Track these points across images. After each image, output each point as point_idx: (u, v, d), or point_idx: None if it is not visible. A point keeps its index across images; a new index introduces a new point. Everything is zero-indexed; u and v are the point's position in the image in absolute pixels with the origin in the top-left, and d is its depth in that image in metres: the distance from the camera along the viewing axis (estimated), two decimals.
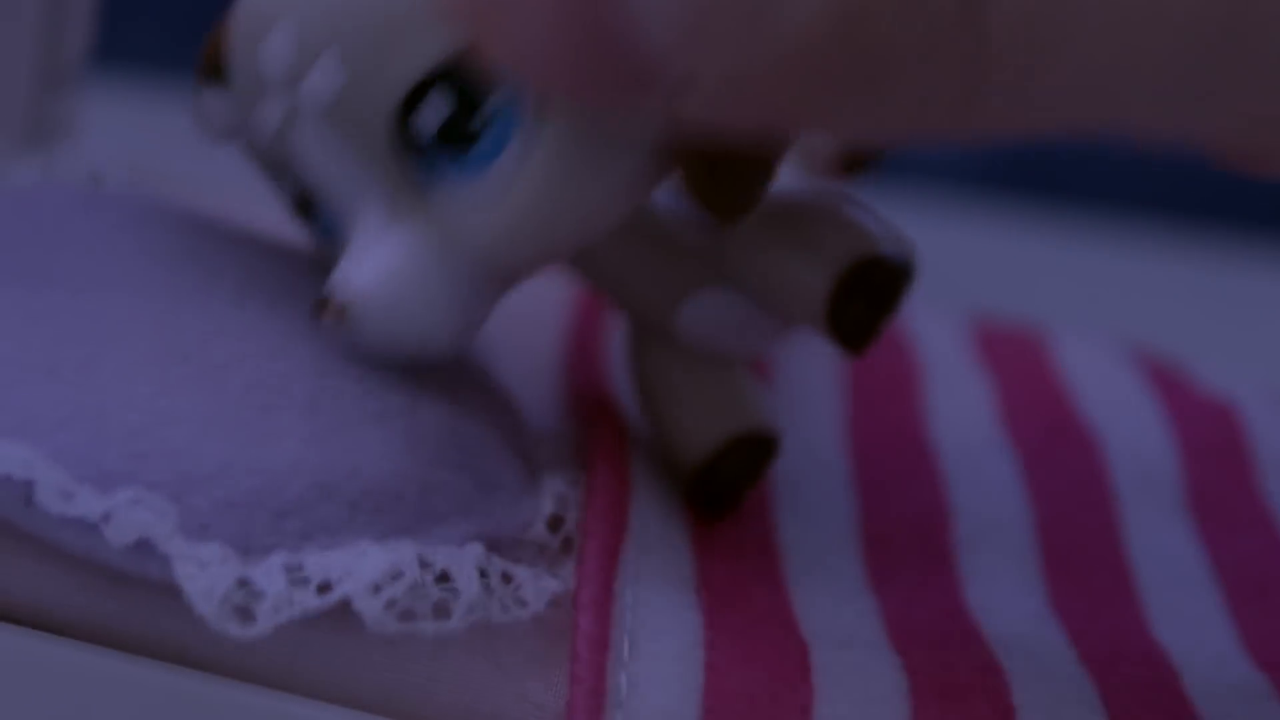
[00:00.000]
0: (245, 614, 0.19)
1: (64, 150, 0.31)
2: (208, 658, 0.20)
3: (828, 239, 0.22)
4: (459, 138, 0.20)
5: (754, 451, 0.24)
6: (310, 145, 0.21)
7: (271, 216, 0.24)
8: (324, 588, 0.19)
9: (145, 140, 0.41)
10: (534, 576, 0.21)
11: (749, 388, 0.24)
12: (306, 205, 0.23)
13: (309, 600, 0.19)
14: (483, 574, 0.20)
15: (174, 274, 0.22)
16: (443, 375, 0.23)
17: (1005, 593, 0.23)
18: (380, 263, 0.21)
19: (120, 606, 0.20)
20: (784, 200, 0.22)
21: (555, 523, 0.22)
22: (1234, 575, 0.25)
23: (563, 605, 0.21)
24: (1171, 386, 0.30)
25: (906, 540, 0.24)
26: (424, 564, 0.20)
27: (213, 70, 0.23)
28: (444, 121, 0.20)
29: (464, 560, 0.20)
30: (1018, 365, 0.30)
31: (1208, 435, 0.28)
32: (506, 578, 0.20)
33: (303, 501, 0.20)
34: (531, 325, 0.29)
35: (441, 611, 0.20)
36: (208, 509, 0.19)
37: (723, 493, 0.24)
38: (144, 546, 0.19)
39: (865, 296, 0.22)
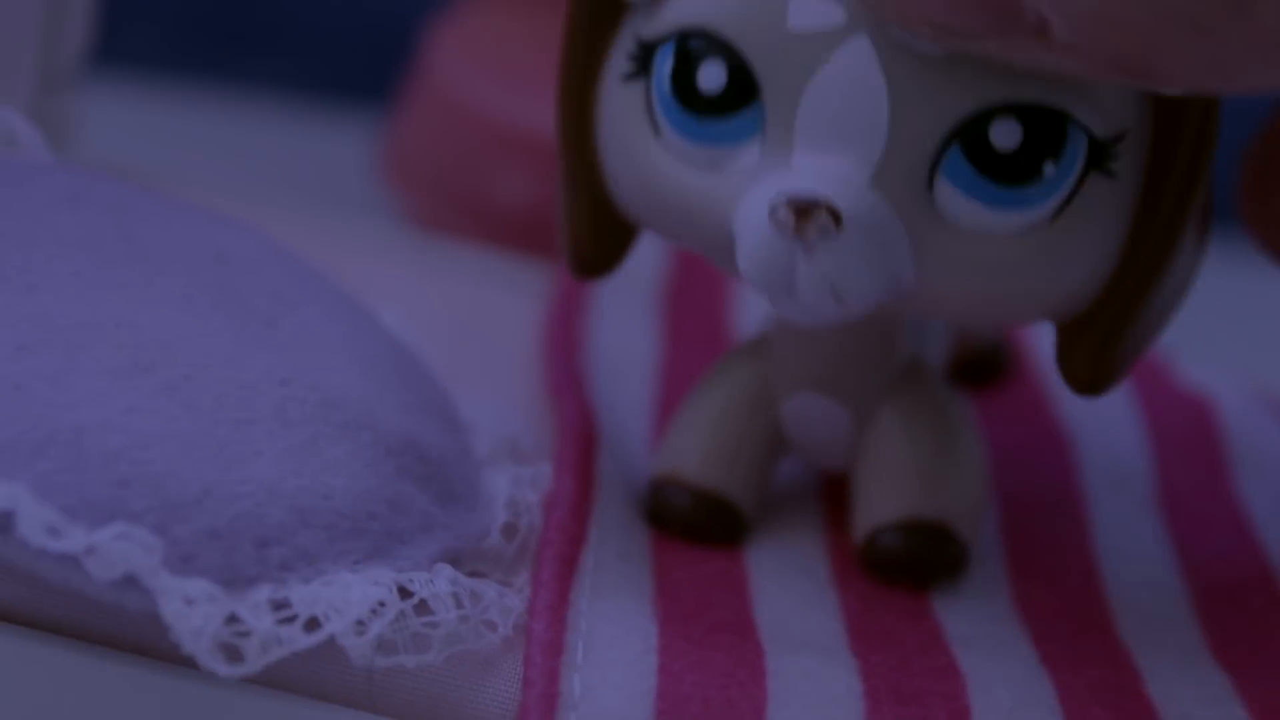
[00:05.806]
0: (232, 651, 0.18)
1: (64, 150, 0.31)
2: (162, 650, 0.19)
3: None
4: None
5: (928, 541, 0.23)
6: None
7: (261, 218, 0.24)
8: (310, 624, 0.19)
9: (145, 140, 0.41)
10: (499, 595, 0.21)
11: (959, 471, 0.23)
12: (722, 100, 0.21)
13: (297, 639, 0.19)
14: (456, 600, 0.20)
15: (118, 268, 0.22)
16: (387, 373, 0.23)
17: (970, 592, 0.24)
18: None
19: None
20: None
21: (509, 531, 0.22)
22: (1202, 575, 0.25)
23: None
24: (1148, 378, 0.30)
25: None
26: (404, 593, 0.20)
27: None
28: None
29: (439, 587, 0.20)
30: None
31: (1182, 430, 0.28)
32: (475, 597, 0.20)
33: (283, 529, 0.19)
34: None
35: (421, 641, 0.20)
36: (191, 540, 0.19)
37: (884, 569, 0.23)
38: (128, 580, 0.18)
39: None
